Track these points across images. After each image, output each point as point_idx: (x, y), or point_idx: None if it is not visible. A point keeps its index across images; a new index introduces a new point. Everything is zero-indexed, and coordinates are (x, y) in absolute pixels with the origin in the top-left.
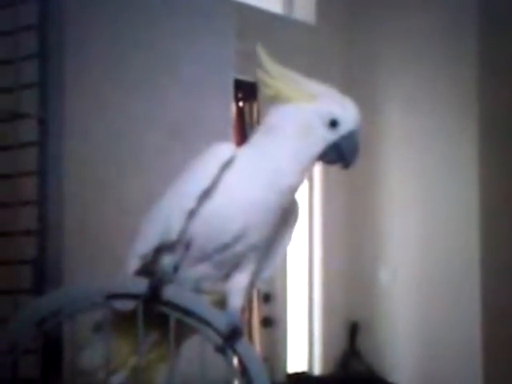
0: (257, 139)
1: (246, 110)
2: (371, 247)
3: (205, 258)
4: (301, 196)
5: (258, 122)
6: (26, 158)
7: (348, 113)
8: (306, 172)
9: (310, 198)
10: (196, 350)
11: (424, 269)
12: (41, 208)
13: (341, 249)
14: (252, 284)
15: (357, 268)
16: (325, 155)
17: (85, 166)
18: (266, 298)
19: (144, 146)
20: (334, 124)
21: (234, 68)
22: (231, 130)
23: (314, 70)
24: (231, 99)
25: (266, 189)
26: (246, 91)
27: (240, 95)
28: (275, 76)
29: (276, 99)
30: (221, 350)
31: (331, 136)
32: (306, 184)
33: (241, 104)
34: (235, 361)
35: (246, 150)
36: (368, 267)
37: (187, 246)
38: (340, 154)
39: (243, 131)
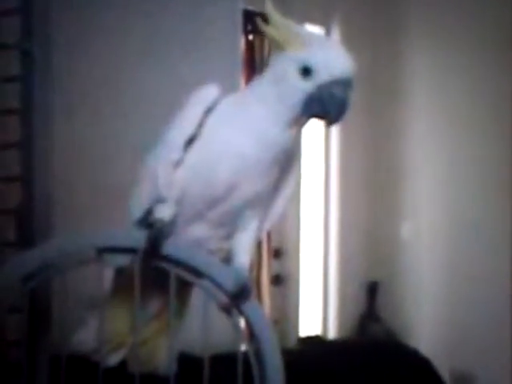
0: (246, 88)
1: (257, 43)
2: (392, 199)
3: (198, 216)
4: (317, 143)
5: (269, 56)
6: (8, 95)
7: (329, 61)
8: (292, 124)
9: (327, 146)
10: (198, 312)
11: (450, 223)
12: (25, 150)
13: (359, 200)
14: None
15: (376, 222)
16: (308, 108)
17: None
18: (277, 253)
19: (143, 82)
20: (307, 72)
21: None
22: (240, 65)
23: None
24: (240, 32)
25: (250, 139)
26: (257, 23)
27: (249, 27)
28: (274, 24)
29: (274, 48)
30: (226, 310)
31: (305, 85)
32: (322, 131)
33: (250, 37)
34: (242, 323)
35: (231, 97)
36: (389, 221)
37: (179, 203)
38: (323, 107)
39: (253, 66)
